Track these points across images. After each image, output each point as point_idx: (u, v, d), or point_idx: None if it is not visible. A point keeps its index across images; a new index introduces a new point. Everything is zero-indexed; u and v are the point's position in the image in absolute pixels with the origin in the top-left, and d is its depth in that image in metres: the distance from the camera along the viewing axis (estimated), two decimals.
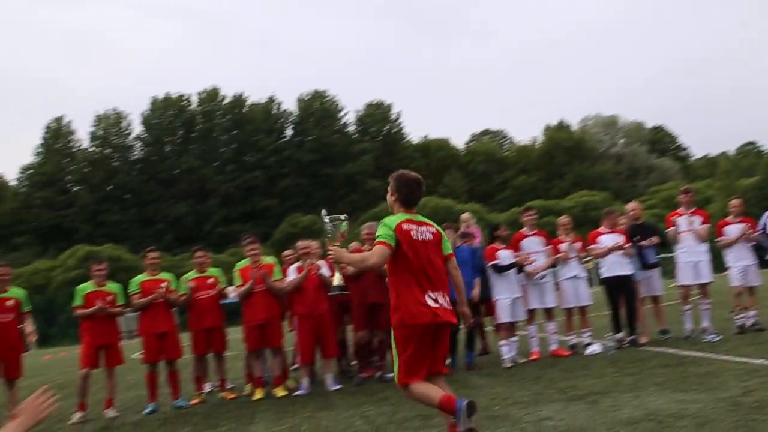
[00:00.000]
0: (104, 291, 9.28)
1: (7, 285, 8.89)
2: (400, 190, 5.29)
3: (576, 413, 5.85)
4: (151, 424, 8.01)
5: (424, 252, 5.09)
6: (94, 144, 79.01)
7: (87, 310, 9.06)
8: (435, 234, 5.24)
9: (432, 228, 5.27)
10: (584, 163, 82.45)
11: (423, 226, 5.21)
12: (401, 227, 5.08)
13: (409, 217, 5.18)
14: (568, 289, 10.27)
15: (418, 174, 5.36)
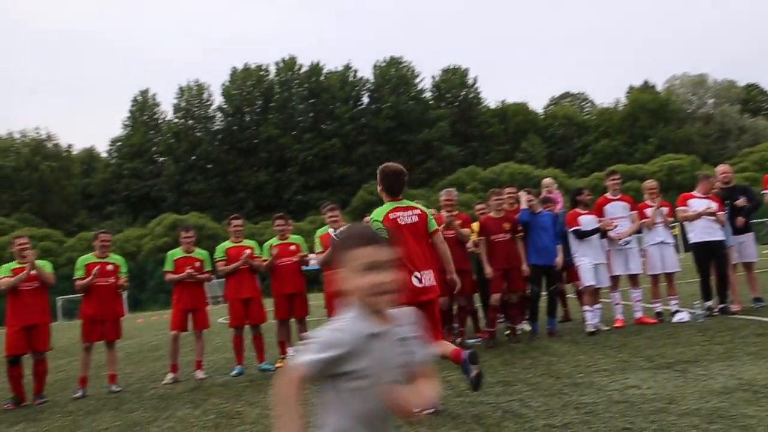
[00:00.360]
0: (192, 257, 9.60)
1: (107, 251, 9.35)
2: (384, 181, 6.02)
3: (664, 382, 5.69)
4: (238, 385, 8.28)
5: (410, 235, 5.75)
6: (177, 115, 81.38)
7: (176, 275, 9.40)
8: (420, 216, 5.89)
9: (417, 210, 5.92)
10: (670, 126, 79.20)
11: (408, 210, 5.89)
12: (388, 217, 5.77)
13: (396, 205, 5.89)
14: (654, 255, 9.94)
15: (400, 165, 6.18)
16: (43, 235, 57.09)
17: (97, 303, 9.03)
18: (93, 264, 9.13)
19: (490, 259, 9.37)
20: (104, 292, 9.10)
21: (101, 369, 10.51)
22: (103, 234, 9.51)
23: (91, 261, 9.18)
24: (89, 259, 9.22)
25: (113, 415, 7.16)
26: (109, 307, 9.16)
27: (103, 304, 9.06)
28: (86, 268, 9.09)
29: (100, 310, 9.04)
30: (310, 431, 2.28)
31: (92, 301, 9.04)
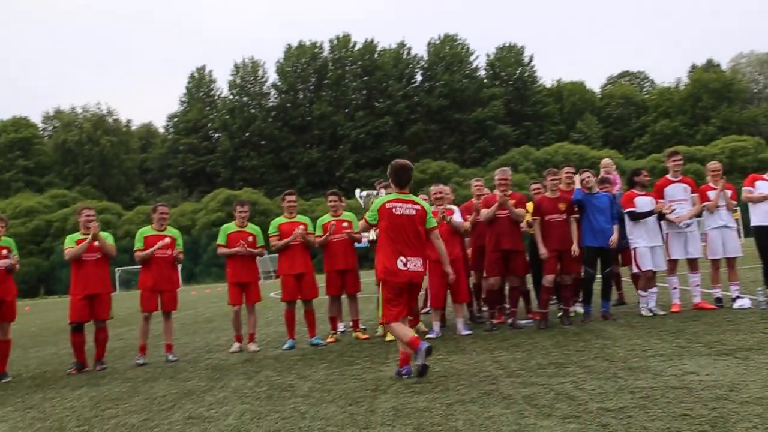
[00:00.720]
0: (245, 232, 9.73)
1: (165, 224, 9.55)
2: (392, 175, 6.77)
3: (725, 369, 5.53)
4: (290, 359, 8.39)
5: (403, 225, 6.56)
6: (232, 92, 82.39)
7: (228, 249, 9.55)
8: (418, 210, 6.66)
9: (417, 206, 6.68)
10: (733, 106, 76.53)
11: (408, 203, 6.66)
12: (384, 206, 6.63)
13: (397, 197, 6.69)
14: (715, 239, 9.64)
15: (407, 161, 6.94)
16: (103, 208, 58.76)
17: (155, 274, 9.25)
18: (152, 237, 9.34)
19: (545, 240, 9.23)
20: (162, 264, 9.32)
21: (158, 339, 10.79)
22: (162, 206, 9.68)
23: (149, 233, 9.39)
24: (147, 232, 9.43)
25: (169, 383, 7.35)
26: (167, 278, 9.37)
27: (161, 276, 9.28)
28: (145, 241, 9.31)
29: (158, 281, 9.27)
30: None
31: (151, 272, 9.27)
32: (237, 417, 5.40)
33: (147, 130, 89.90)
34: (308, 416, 5.20)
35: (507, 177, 9.42)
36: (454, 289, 9.13)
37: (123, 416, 5.85)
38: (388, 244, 6.53)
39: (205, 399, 6.27)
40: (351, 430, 4.68)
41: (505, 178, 9.38)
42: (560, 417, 4.52)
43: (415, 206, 6.69)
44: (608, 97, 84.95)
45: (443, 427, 4.55)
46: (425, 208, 6.74)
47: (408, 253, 6.51)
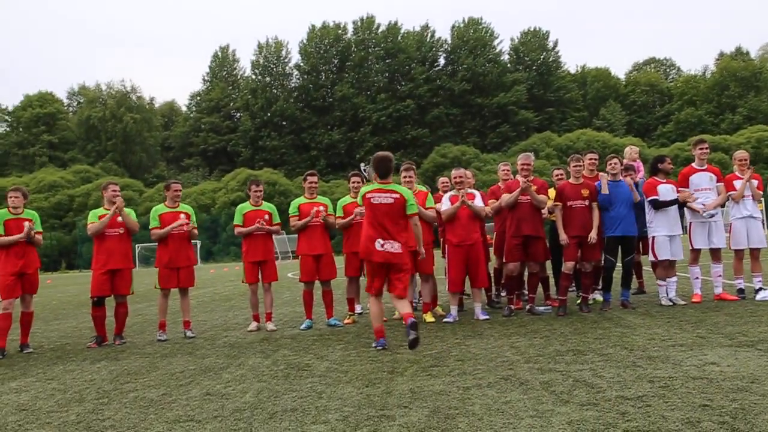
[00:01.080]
0: (261, 210, 9.75)
1: (178, 201, 9.58)
2: (374, 167, 7.41)
3: (746, 360, 5.47)
4: (307, 339, 8.42)
5: (381, 212, 7.23)
6: (255, 72, 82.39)
7: (245, 228, 9.58)
8: (397, 199, 7.28)
9: (396, 194, 7.28)
10: (761, 95, 75.24)
11: (387, 193, 7.28)
12: (366, 196, 7.32)
13: (378, 187, 7.33)
14: (740, 229, 9.50)
15: (387, 153, 7.56)
16: (124, 185, 59.25)
17: (171, 251, 9.30)
18: (167, 214, 9.38)
19: (566, 227, 9.15)
20: (178, 241, 9.38)
21: (175, 315, 10.89)
22: (176, 184, 9.68)
23: (164, 211, 9.42)
24: (162, 209, 9.45)
25: (187, 360, 7.41)
26: (183, 255, 9.43)
27: (177, 252, 9.34)
28: (160, 218, 9.35)
29: (174, 257, 9.32)
30: None
31: (167, 249, 9.32)
32: (254, 395, 5.43)
33: (170, 108, 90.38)
34: (325, 396, 5.21)
35: (530, 162, 9.34)
36: (473, 274, 9.11)
37: (141, 390, 5.91)
38: (368, 228, 7.30)
39: (222, 376, 6.32)
40: (367, 411, 4.69)
41: (528, 164, 9.30)
42: (578, 404, 4.49)
43: (394, 195, 7.30)
44: (633, 83, 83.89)
45: (460, 410, 4.54)
46: (405, 196, 7.32)
47: (385, 237, 7.21)
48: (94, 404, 5.47)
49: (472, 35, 79.56)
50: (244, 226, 9.61)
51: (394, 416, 4.51)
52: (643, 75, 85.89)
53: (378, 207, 7.26)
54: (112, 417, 5.00)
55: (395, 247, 7.22)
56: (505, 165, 10.69)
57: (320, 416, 4.64)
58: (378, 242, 7.22)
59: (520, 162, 9.39)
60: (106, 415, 5.09)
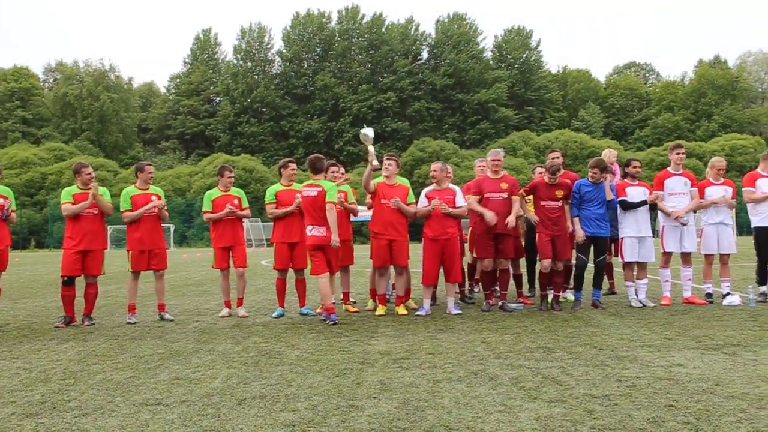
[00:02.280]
0: (231, 195, 9.70)
1: (150, 183, 9.49)
2: (308, 166, 8.85)
3: (711, 363, 5.55)
4: (279, 326, 8.40)
5: (310, 202, 8.62)
6: (237, 57, 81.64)
7: (216, 214, 9.51)
8: (320, 192, 8.58)
9: (319, 187, 8.62)
10: (737, 104, 76.37)
11: (314, 187, 8.67)
12: (301, 192, 8.83)
13: (310, 182, 8.78)
14: (711, 235, 9.64)
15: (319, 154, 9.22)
16: (99, 165, 58.51)
17: (143, 233, 9.21)
18: (138, 196, 9.28)
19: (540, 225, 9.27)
20: (150, 223, 9.30)
21: (146, 298, 10.80)
22: (150, 166, 9.62)
23: (135, 193, 9.32)
24: (133, 191, 9.35)
25: (157, 343, 7.34)
26: (155, 237, 9.35)
27: (149, 235, 9.26)
28: (132, 200, 9.25)
29: (147, 239, 9.23)
30: None
31: (139, 231, 9.22)
32: (223, 380, 5.40)
33: (148, 89, 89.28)
34: (294, 384, 5.20)
35: (500, 158, 9.47)
36: (447, 268, 9.15)
37: (109, 372, 5.84)
38: (305, 216, 8.75)
39: (191, 361, 6.27)
40: (336, 400, 4.69)
41: (498, 159, 9.44)
42: (546, 400, 4.53)
43: (319, 188, 8.62)
44: (613, 87, 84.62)
45: (429, 403, 4.55)
46: (326, 189, 8.56)
47: (314, 223, 8.56)
48: (59, 385, 5.40)
49: (456, 30, 79.60)
50: (213, 212, 9.55)
51: (363, 407, 4.51)
52: (623, 79, 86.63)
53: (307, 199, 8.65)
54: (78, 398, 4.94)
55: (322, 231, 8.54)
56: (482, 161, 10.77)
57: (289, 404, 4.63)
58: (308, 228, 8.60)
59: (490, 158, 9.50)
60: (71, 395, 5.02)
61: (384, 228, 9.17)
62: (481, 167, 10.58)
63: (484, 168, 10.42)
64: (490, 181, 9.39)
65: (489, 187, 9.33)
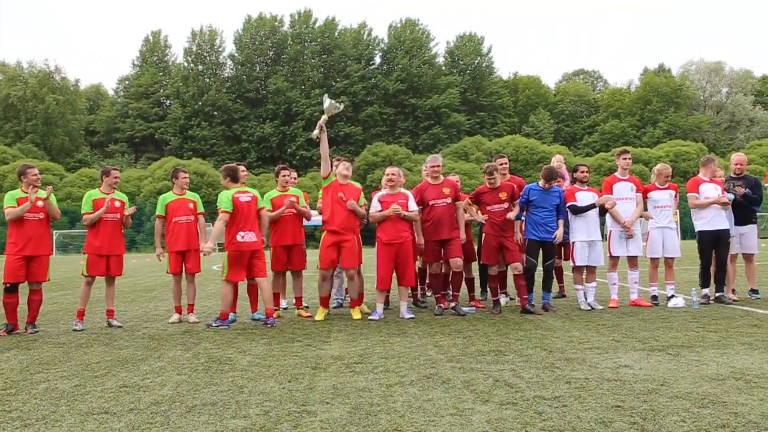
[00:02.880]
0: (186, 199, 9.56)
1: (115, 187, 9.35)
2: (228, 175, 8.91)
3: (657, 364, 5.69)
4: (230, 332, 8.29)
5: (242, 208, 8.68)
6: (187, 59, 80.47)
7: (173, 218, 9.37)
8: (252, 197, 8.88)
9: (250, 194, 8.89)
10: (680, 111, 78.62)
11: (245, 193, 8.86)
12: (234, 196, 8.72)
13: (238, 189, 8.87)
14: (656, 239, 9.90)
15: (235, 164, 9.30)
16: (44, 168, 56.91)
17: (103, 238, 9.04)
18: (101, 199, 9.12)
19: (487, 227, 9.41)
20: (111, 228, 9.13)
21: (93, 305, 10.55)
22: (115, 170, 9.54)
23: (98, 196, 9.17)
24: (96, 195, 9.19)
25: (104, 351, 7.18)
26: (115, 243, 9.17)
27: (109, 240, 9.09)
28: (94, 204, 9.08)
29: (106, 244, 9.06)
30: None
31: (99, 235, 9.05)
32: (172, 388, 5.30)
33: (96, 92, 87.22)
34: (246, 390, 5.14)
35: (439, 164, 9.58)
36: (400, 272, 9.17)
37: (53, 381, 5.69)
38: (233, 223, 8.68)
39: (140, 368, 6.15)
40: (289, 406, 4.65)
41: (438, 165, 9.54)
42: (497, 403, 4.58)
43: (250, 194, 8.90)
44: (562, 93, 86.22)
45: (382, 407, 4.55)
46: (256, 196, 8.97)
47: (246, 228, 8.69)
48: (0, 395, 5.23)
49: (408, 36, 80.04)
50: (167, 217, 9.42)
51: (315, 412, 4.49)
52: (572, 85, 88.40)
53: (241, 204, 8.72)
54: (20, 408, 4.80)
55: (252, 236, 8.72)
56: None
57: (240, 411, 4.57)
58: (239, 234, 8.65)
59: (429, 165, 9.57)
60: (13, 406, 4.87)
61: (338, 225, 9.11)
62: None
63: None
64: (432, 188, 9.46)
65: (431, 195, 9.39)
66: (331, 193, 9.21)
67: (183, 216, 9.42)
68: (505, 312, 9.44)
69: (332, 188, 9.24)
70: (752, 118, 78.45)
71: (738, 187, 10.07)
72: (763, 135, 73.64)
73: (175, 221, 9.38)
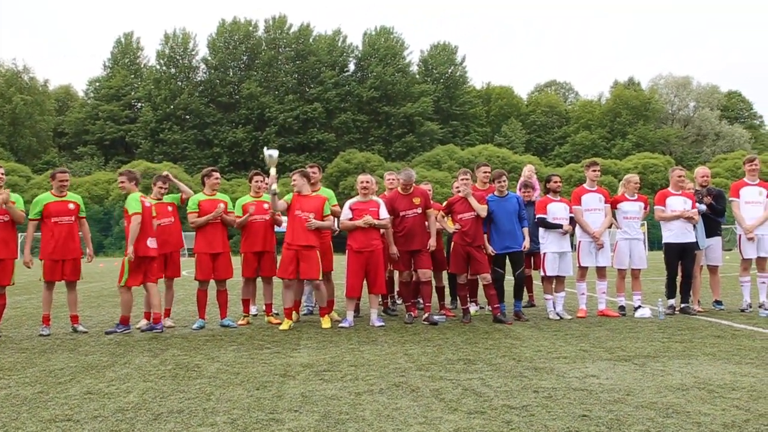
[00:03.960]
0: (164, 202, 9.48)
1: (65, 190, 9.11)
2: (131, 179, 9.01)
3: (623, 374, 5.76)
4: (199, 339, 8.22)
5: (148, 214, 8.82)
6: (160, 62, 79.70)
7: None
8: (151, 204, 8.95)
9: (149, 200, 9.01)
10: (649, 124, 79.88)
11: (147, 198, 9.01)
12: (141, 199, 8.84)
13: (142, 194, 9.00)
14: (623, 249, 10.03)
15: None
16: (10, 169, 55.84)
17: (56, 242, 8.84)
18: (52, 203, 8.91)
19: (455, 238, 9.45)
20: (65, 232, 8.92)
21: (59, 309, 10.38)
22: (62, 173, 9.14)
23: (50, 200, 8.94)
24: (48, 198, 8.97)
25: (69, 356, 7.06)
26: (70, 247, 8.97)
27: (63, 243, 8.87)
28: (45, 208, 8.87)
29: (60, 249, 8.85)
30: None
31: (52, 240, 8.85)
32: (138, 395, 5.24)
33: (65, 93, 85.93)
34: (213, 398, 5.09)
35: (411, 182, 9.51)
36: (371, 280, 9.16)
37: (15, 387, 5.58)
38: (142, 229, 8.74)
39: (105, 374, 6.06)
40: (257, 414, 4.62)
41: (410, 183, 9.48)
42: (466, 412, 4.59)
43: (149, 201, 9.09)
44: (534, 104, 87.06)
45: (350, 415, 4.54)
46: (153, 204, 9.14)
47: (151, 234, 8.87)
48: None
49: (383, 44, 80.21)
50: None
51: (283, 420, 4.46)
52: (544, 96, 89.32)
53: (147, 209, 8.86)
54: None
55: (153, 242, 8.87)
56: (390, 174, 10.91)
57: (207, 418, 4.53)
58: (147, 241, 8.77)
59: (403, 181, 9.51)
60: None
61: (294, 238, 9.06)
62: (390, 180, 10.67)
63: (393, 181, 10.53)
64: (402, 198, 9.46)
65: (402, 205, 9.40)
66: (290, 209, 9.16)
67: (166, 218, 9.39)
68: (475, 321, 9.49)
69: (292, 204, 9.17)
70: (718, 133, 79.91)
71: (705, 197, 10.25)
72: (728, 149, 75.06)
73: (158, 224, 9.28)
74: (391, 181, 10.66)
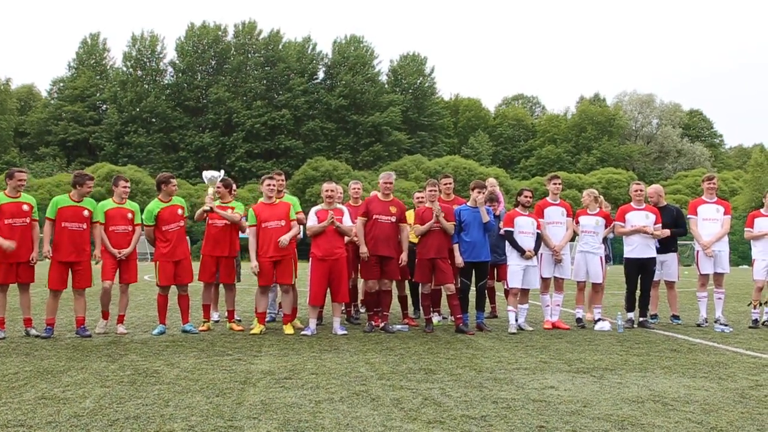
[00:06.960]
0: (125, 208, 9.33)
1: (21, 191, 8.92)
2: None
3: (581, 386, 5.84)
4: (159, 344, 8.12)
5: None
6: (126, 64, 78.71)
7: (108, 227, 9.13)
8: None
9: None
10: (613, 140, 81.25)
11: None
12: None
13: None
14: (579, 262, 10.16)
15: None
16: None
17: None
18: (6, 204, 8.70)
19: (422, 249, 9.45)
20: (18, 234, 8.69)
21: (13, 312, 10.17)
22: (21, 173, 8.93)
23: (4, 201, 8.73)
24: (2, 199, 8.79)
25: (23, 361, 6.92)
26: (24, 249, 8.77)
27: (17, 246, 8.64)
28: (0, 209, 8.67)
29: (14, 251, 8.64)
30: None
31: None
32: (95, 400, 5.16)
33: (28, 92, 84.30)
34: (172, 404, 5.04)
35: (392, 180, 9.72)
36: (334, 288, 9.15)
37: None
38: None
39: (61, 379, 5.96)
40: (215, 421, 4.58)
41: (390, 182, 9.69)
42: (425, 421, 4.62)
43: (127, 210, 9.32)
44: (501, 117, 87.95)
45: (310, 424, 4.53)
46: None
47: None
48: None
49: (352, 52, 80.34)
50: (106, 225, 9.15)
51: (242, 427, 4.43)
52: (511, 109, 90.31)
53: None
54: None
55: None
56: (356, 183, 10.98)
57: (165, 425, 4.48)
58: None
59: (382, 180, 9.66)
60: None
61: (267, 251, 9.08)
62: (355, 189, 10.83)
63: (358, 190, 10.67)
64: (379, 203, 9.53)
65: (377, 209, 9.45)
66: (258, 221, 9.21)
67: (121, 225, 9.21)
68: (437, 331, 9.53)
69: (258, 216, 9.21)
70: (680, 150, 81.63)
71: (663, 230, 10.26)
72: (689, 166, 76.77)
73: (112, 230, 9.15)
74: (356, 191, 10.72)
